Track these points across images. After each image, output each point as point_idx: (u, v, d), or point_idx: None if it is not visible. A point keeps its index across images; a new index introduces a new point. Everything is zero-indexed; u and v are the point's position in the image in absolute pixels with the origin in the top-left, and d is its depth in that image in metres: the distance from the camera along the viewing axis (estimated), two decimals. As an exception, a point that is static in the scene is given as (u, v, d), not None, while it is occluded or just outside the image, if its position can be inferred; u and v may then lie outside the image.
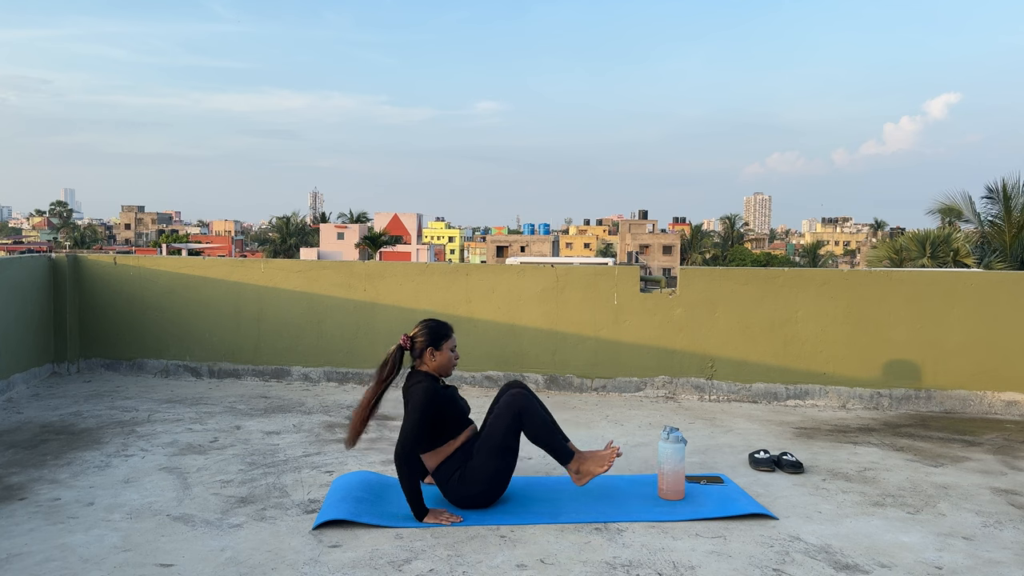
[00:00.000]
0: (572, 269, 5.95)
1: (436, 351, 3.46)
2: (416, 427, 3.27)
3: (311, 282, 6.13)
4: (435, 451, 3.41)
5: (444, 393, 3.44)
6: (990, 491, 3.78)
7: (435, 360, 3.47)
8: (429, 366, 3.47)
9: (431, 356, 3.46)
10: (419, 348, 3.46)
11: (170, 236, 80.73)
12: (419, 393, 3.33)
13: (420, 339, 3.47)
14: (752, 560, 2.93)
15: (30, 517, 3.26)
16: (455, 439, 3.43)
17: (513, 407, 3.45)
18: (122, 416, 4.94)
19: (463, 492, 3.38)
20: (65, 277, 6.21)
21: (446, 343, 3.49)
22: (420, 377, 3.43)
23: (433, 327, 3.51)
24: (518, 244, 71.11)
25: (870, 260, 25.39)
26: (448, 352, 3.49)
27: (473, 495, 3.39)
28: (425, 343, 3.46)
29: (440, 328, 3.52)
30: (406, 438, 3.25)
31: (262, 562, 2.86)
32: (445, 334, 3.50)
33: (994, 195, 18.83)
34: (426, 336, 3.47)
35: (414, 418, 3.28)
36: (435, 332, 3.49)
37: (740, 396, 5.68)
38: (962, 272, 6.21)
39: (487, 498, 3.41)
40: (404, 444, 3.24)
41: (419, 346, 3.46)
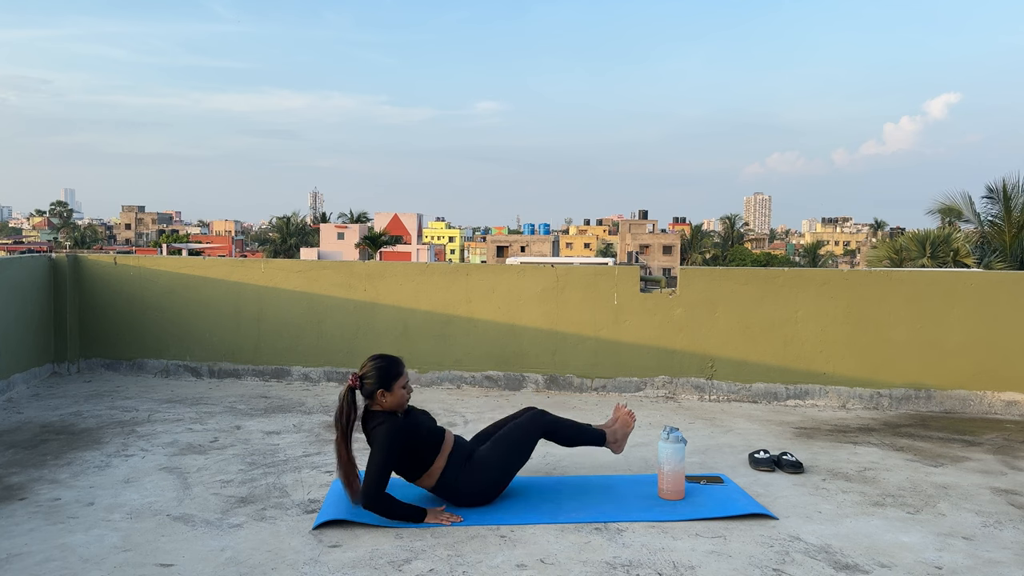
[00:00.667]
0: (572, 269, 5.95)
1: (387, 392, 3.32)
2: (382, 470, 3.20)
3: (311, 282, 6.13)
4: (427, 474, 3.39)
5: (408, 425, 3.33)
6: (990, 491, 3.78)
7: (387, 400, 3.33)
8: (381, 406, 3.35)
9: (382, 397, 3.33)
10: (368, 389, 3.33)
11: (170, 236, 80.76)
12: (382, 437, 3.24)
13: (369, 381, 3.32)
14: (752, 560, 2.93)
15: (30, 517, 3.26)
16: (440, 453, 3.40)
17: (540, 424, 3.62)
18: (122, 416, 4.94)
19: (470, 491, 3.40)
20: (65, 277, 6.21)
21: (397, 382, 3.33)
22: (380, 419, 3.31)
23: (382, 368, 3.33)
24: (518, 244, 71.12)
25: (870, 260, 25.40)
26: (400, 391, 3.34)
27: (476, 493, 3.40)
28: (375, 385, 3.31)
29: (391, 367, 3.34)
30: (371, 483, 3.17)
31: (262, 562, 2.86)
32: (396, 372, 3.34)
33: (994, 195, 18.85)
34: (375, 378, 3.31)
35: (380, 461, 3.20)
36: (385, 372, 3.32)
37: (740, 396, 5.68)
38: (962, 272, 6.21)
39: (489, 495, 3.43)
40: (369, 489, 3.16)
41: (368, 387, 3.32)
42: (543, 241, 71.11)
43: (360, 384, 3.34)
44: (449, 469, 3.39)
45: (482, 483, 3.41)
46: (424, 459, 3.36)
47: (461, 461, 3.41)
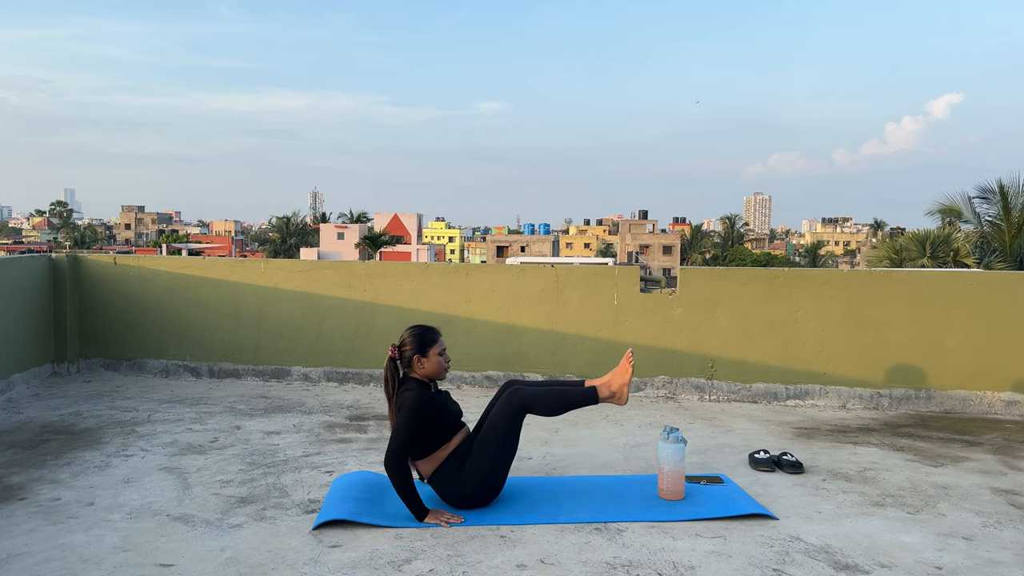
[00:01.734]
0: (572, 269, 5.95)
1: (423, 358, 3.41)
2: (406, 435, 3.25)
3: (311, 282, 6.13)
4: (429, 457, 3.40)
5: (435, 399, 3.40)
6: (990, 491, 3.78)
7: (423, 367, 3.42)
8: (419, 373, 3.44)
9: (419, 363, 3.42)
10: (407, 356, 3.42)
11: (170, 236, 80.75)
12: (409, 401, 3.30)
13: (407, 348, 3.42)
14: (752, 560, 2.93)
15: (30, 517, 3.26)
16: (448, 443, 3.41)
17: (513, 404, 3.48)
18: (122, 416, 4.94)
19: (460, 492, 3.38)
20: (65, 277, 6.21)
21: (433, 348, 3.43)
22: (411, 384, 3.40)
23: (418, 333, 3.45)
24: (518, 244, 71.13)
25: (870, 260, 25.41)
26: (436, 357, 3.43)
27: (470, 494, 3.39)
28: (412, 351, 3.42)
29: (426, 334, 3.45)
30: (396, 446, 3.23)
31: (262, 562, 2.86)
32: (432, 339, 3.44)
33: (988, 196, 18.86)
34: (412, 344, 3.42)
35: (404, 426, 3.26)
36: (421, 339, 3.43)
37: (740, 396, 5.68)
38: (962, 272, 6.21)
39: (484, 497, 3.41)
40: (393, 452, 3.23)
41: (407, 354, 3.42)
42: (543, 241, 71.12)
43: (399, 353, 3.43)
44: (449, 462, 3.39)
45: (473, 485, 3.39)
46: (434, 441, 3.38)
47: (460, 459, 3.41)
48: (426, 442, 3.37)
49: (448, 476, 3.39)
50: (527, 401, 3.51)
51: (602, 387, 3.56)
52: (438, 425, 3.39)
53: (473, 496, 3.39)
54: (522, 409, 3.49)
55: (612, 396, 3.55)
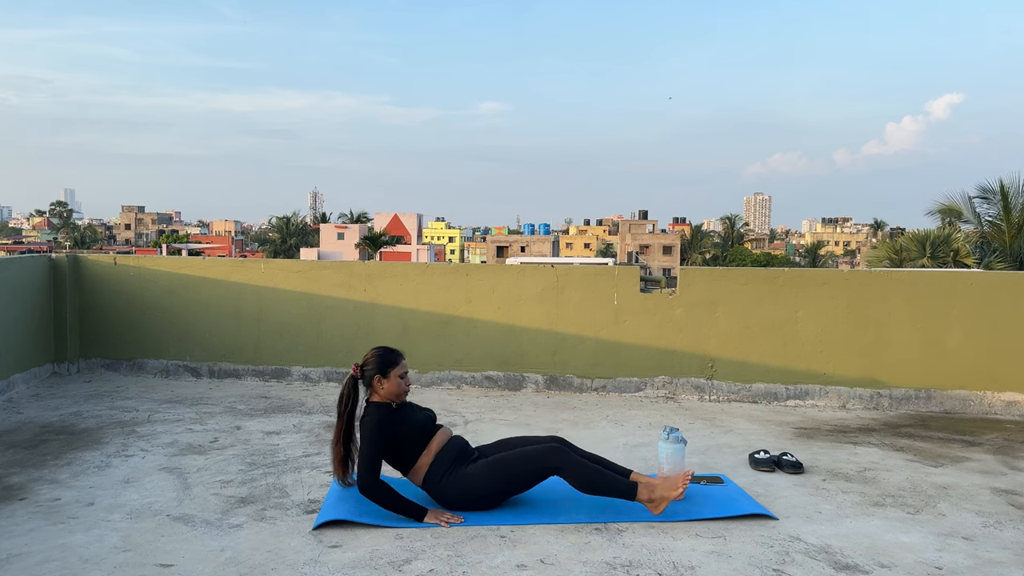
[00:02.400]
0: (572, 269, 5.95)
1: (383, 379, 3.42)
2: (369, 460, 3.28)
3: (311, 282, 6.13)
4: (414, 469, 3.41)
5: (395, 416, 3.40)
6: (990, 491, 3.78)
7: (383, 388, 3.43)
8: (379, 394, 3.44)
9: (379, 383, 3.43)
10: (367, 377, 3.44)
11: (170, 236, 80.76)
12: (366, 427, 3.34)
13: (368, 367, 3.45)
14: (752, 560, 2.93)
15: (30, 517, 3.26)
16: (427, 450, 3.40)
17: (555, 461, 3.34)
18: (122, 416, 4.94)
19: (456, 495, 3.36)
20: (65, 277, 6.21)
21: (394, 370, 3.44)
22: (370, 410, 3.42)
23: (381, 355, 3.47)
24: (518, 244, 71.13)
25: (870, 260, 25.42)
26: (396, 379, 3.43)
27: (460, 500, 3.36)
28: (373, 371, 3.43)
29: (388, 355, 3.47)
30: (363, 472, 3.28)
31: (262, 562, 2.86)
32: (394, 361, 3.46)
33: (989, 196, 18.86)
34: (375, 364, 3.44)
35: (365, 448, 3.30)
36: (383, 359, 3.45)
37: (740, 396, 5.68)
38: (962, 272, 6.22)
39: (479, 506, 3.39)
40: (362, 478, 3.27)
41: (367, 374, 3.44)
42: (543, 241, 71.12)
43: (361, 373, 3.46)
44: (434, 468, 3.38)
45: (468, 492, 3.35)
46: (409, 454, 3.39)
47: (450, 463, 3.38)
48: (403, 457, 3.39)
49: (439, 477, 3.37)
50: (568, 467, 3.34)
51: (643, 488, 3.34)
52: (407, 439, 3.39)
53: (462, 503, 3.37)
54: (559, 469, 3.35)
55: (651, 502, 3.32)
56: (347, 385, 3.47)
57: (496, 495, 3.39)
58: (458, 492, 3.35)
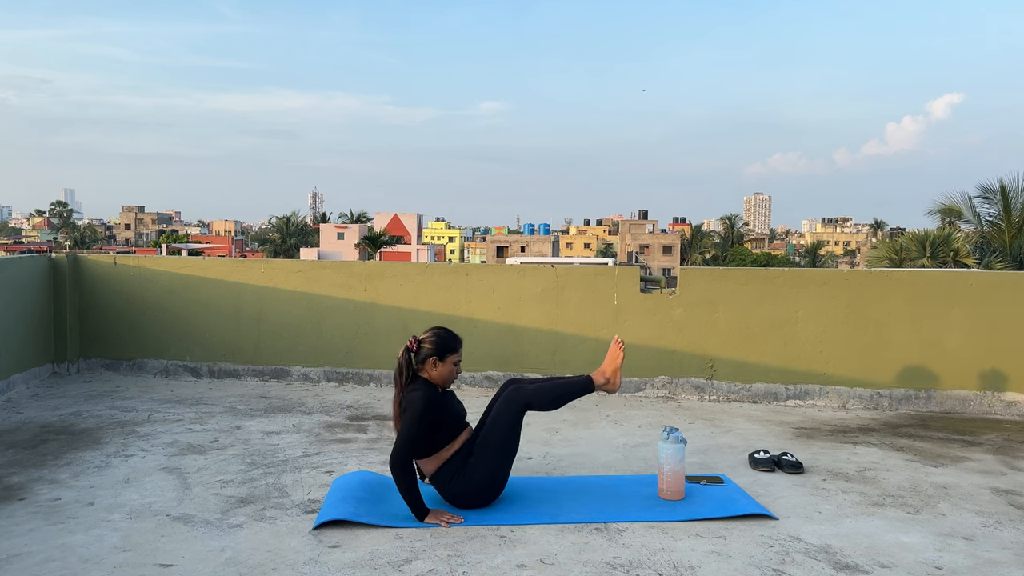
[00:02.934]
0: (572, 269, 5.95)
1: (440, 362, 3.42)
2: (411, 436, 3.26)
3: (311, 282, 6.13)
4: (433, 456, 3.40)
5: (441, 400, 3.41)
6: (990, 491, 3.78)
7: (436, 370, 3.43)
8: (430, 374, 3.44)
9: (433, 365, 3.42)
10: (423, 354, 3.42)
11: (170, 236, 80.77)
12: (417, 402, 3.30)
13: (427, 346, 3.43)
14: (752, 560, 2.93)
15: (30, 517, 3.26)
16: (452, 443, 3.41)
17: (514, 402, 3.48)
18: (122, 416, 4.93)
19: (462, 491, 3.38)
20: (65, 277, 6.21)
21: (451, 356, 3.44)
22: (418, 385, 3.39)
23: (442, 337, 3.47)
24: (518, 244, 71.13)
25: (870, 260, 25.42)
26: (451, 365, 3.45)
27: (472, 494, 3.39)
28: (431, 351, 3.42)
29: (449, 340, 3.47)
30: (402, 446, 3.24)
31: (262, 562, 2.86)
32: (452, 347, 3.46)
33: (990, 195, 18.87)
34: (433, 344, 3.43)
35: (411, 426, 3.26)
36: (443, 343, 3.45)
37: (740, 396, 5.68)
38: (962, 272, 6.21)
39: (486, 497, 3.42)
40: (400, 452, 3.22)
41: (424, 352, 3.43)
42: (543, 241, 71.12)
43: (417, 348, 3.44)
44: (452, 461, 3.40)
45: (475, 484, 3.39)
46: (438, 441, 3.39)
47: (463, 459, 3.42)
48: (430, 442, 3.37)
49: (450, 475, 3.39)
50: (528, 398, 3.51)
51: (596, 375, 3.60)
52: (443, 426, 3.39)
53: (475, 495, 3.39)
54: (523, 407, 3.50)
55: (607, 383, 3.59)
56: (402, 358, 3.43)
57: (498, 468, 3.41)
58: (466, 485, 3.37)
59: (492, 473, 3.41)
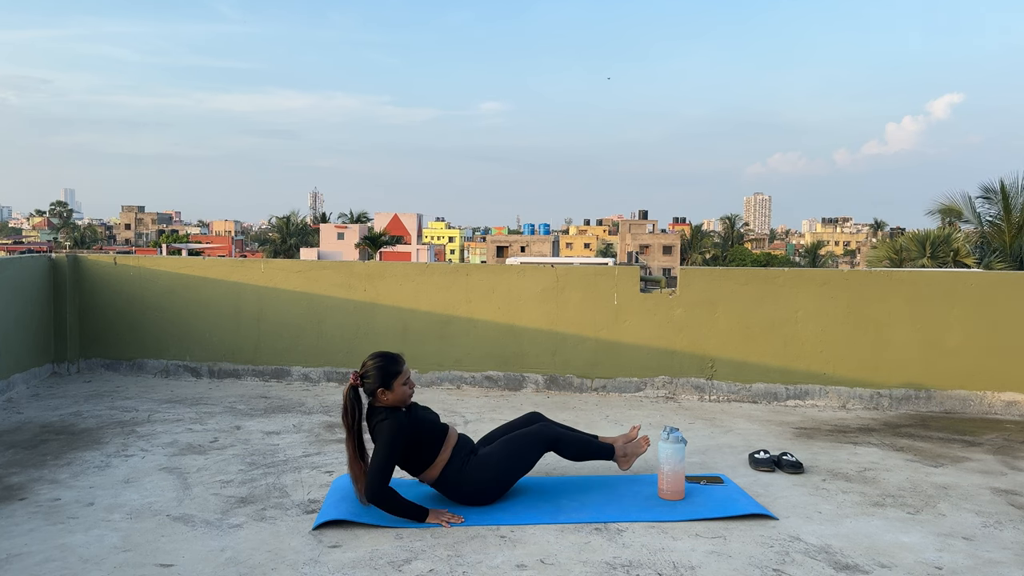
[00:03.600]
0: (572, 269, 5.95)
1: (388, 391, 3.35)
2: (384, 466, 3.23)
3: (311, 282, 6.13)
4: (429, 469, 3.41)
5: (412, 421, 3.37)
6: (990, 491, 3.78)
7: (388, 398, 3.36)
8: (385, 403, 3.38)
9: (383, 395, 3.36)
10: (370, 387, 3.36)
11: (170, 236, 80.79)
12: (385, 433, 3.27)
13: (369, 380, 3.35)
14: (752, 560, 2.93)
15: (30, 517, 3.26)
16: (444, 448, 3.41)
17: (546, 437, 3.59)
18: (122, 416, 4.93)
19: (469, 489, 3.40)
20: (65, 277, 6.21)
21: (397, 380, 3.36)
22: (383, 414, 3.34)
23: (382, 366, 3.35)
24: (518, 244, 71.14)
25: (870, 260, 25.43)
26: (401, 388, 3.37)
27: (477, 492, 3.41)
28: (375, 384, 3.35)
29: (389, 366, 3.36)
30: (373, 478, 3.21)
31: (262, 562, 2.86)
32: (395, 371, 3.36)
33: (991, 195, 18.88)
34: (376, 377, 3.34)
35: (383, 456, 3.23)
36: (384, 372, 3.35)
37: (740, 396, 5.68)
38: (962, 272, 6.21)
39: (490, 496, 3.43)
40: (373, 484, 3.20)
41: (369, 386, 3.36)
42: (543, 241, 71.13)
43: (361, 383, 3.38)
44: (452, 463, 3.40)
45: (483, 481, 3.42)
46: (427, 454, 3.39)
47: (464, 456, 3.43)
48: (421, 460, 3.40)
49: (454, 476, 3.40)
50: (557, 438, 3.62)
51: (618, 448, 3.75)
52: (423, 441, 3.38)
53: (480, 493, 3.42)
54: (552, 444, 3.61)
55: (623, 458, 3.75)
56: (347, 396, 3.35)
57: (506, 477, 3.48)
58: (473, 484, 3.40)
59: (498, 477, 3.44)
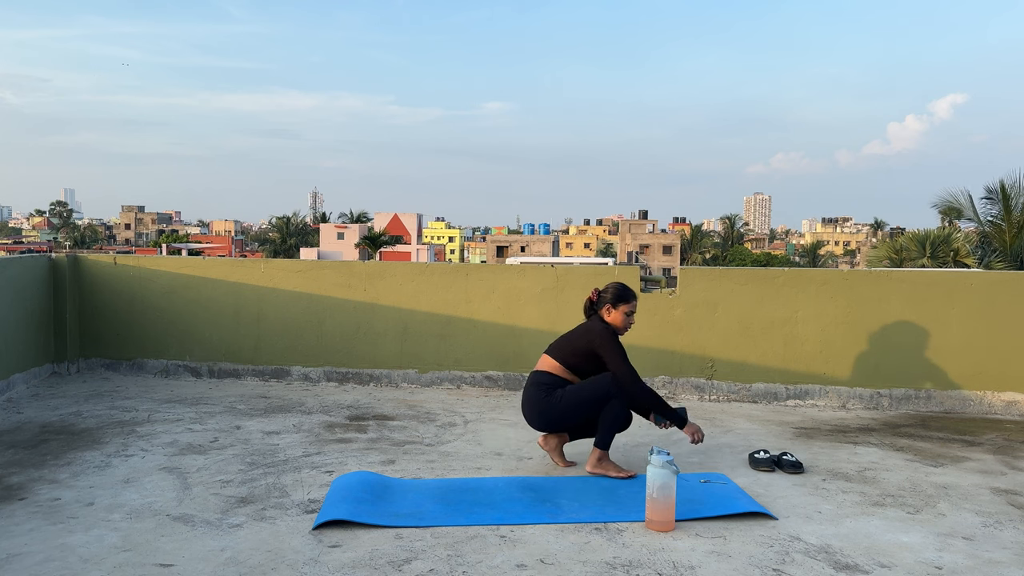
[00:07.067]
0: (572, 269, 5.95)
1: (613, 309, 3.94)
2: (626, 359, 3.85)
3: (311, 282, 6.13)
4: (568, 373, 3.96)
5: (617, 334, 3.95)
6: (990, 491, 3.78)
7: (610, 316, 3.95)
8: (607, 319, 3.96)
9: (607, 312, 3.95)
10: (602, 301, 3.98)
11: (170, 236, 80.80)
12: (610, 337, 3.87)
13: (605, 295, 3.97)
14: (752, 560, 2.93)
15: (30, 517, 3.26)
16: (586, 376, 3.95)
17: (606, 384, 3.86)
18: (122, 416, 4.93)
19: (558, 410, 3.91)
20: (65, 277, 6.21)
21: (623, 306, 3.93)
22: (608, 325, 3.93)
23: (618, 290, 3.97)
24: (518, 244, 71.15)
25: (870, 260, 25.42)
26: (622, 315, 3.93)
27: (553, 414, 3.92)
28: (607, 300, 3.96)
29: (624, 292, 3.97)
30: (624, 366, 3.82)
31: (262, 562, 2.86)
32: (626, 299, 3.95)
33: (993, 196, 18.88)
34: (611, 295, 3.96)
35: (620, 353, 3.85)
36: (616, 294, 3.96)
37: (740, 396, 5.68)
38: (962, 272, 6.21)
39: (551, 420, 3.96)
40: (626, 372, 3.81)
41: (603, 299, 3.98)
42: (543, 241, 71.12)
43: (598, 296, 4.01)
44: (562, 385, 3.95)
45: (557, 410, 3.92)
46: (584, 371, 3.96)
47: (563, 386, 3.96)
48: (582, 370, 3.96)
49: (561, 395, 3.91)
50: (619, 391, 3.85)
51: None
52: (600, 366, 3.91)
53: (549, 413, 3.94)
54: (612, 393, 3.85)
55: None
56: (585, 308, 4.07)
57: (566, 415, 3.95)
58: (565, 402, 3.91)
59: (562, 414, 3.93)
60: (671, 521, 3.22)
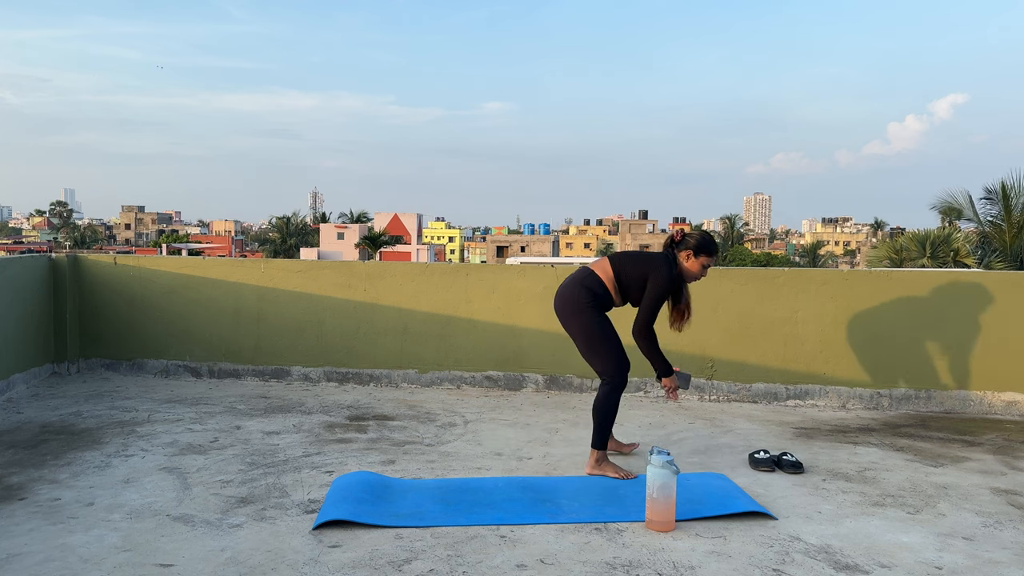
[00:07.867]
0: (572, 269, 5.94)
1: (693, 257, 3.92)
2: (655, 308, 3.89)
3: (311, 282, 6.13)
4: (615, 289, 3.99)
5: (672, 286, 3.94)
6: (990, 491, 3.78)
7: (687, 263, 3.94)
8: (681, 262, 3.94)
9: (685, 257, 3.93)
10: (683, 245, 3.94)
11: (170, 236, 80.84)
12: (663, 279, 3.86)
13: (690, 239, 3.93)
14: (752, 560, 2.93)
15: (30, 517, 3.26)
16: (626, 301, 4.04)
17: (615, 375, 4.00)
18: (122, 416, 4.94)
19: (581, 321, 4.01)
20: (65, 277, 6.21)
21: (703, 258, 3.91)
22: (671, 264, 3.92)
23: (703, 239, 3.93)
24: (518, 244, 71.20)
25: (870, 260, 25.41)
26: (699, 266, 3.92)
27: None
28: (688, 245, 3.92)
29: (708, 244, 3.93)
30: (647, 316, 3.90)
31: (262, 562, 2.86)
32: (707, 251, 3.91)
33: (993, 196, 18.89)
34: (694, 242, 3.91)
35: (654, 298, 3.87)
36: (700, 244, 3.92)
37: (740, 396, 5.68)
38: (962, 272, 6.21)
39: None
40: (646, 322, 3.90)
41: (684, 244, 3.93)
42: (543, 241, 71.16)
43: (681, 238, 3.97)
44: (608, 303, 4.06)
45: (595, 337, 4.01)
46: (630, 295, 4.01)
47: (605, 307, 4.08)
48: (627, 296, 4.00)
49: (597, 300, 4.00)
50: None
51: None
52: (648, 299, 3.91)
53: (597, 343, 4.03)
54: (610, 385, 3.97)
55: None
56: (666, 246, 4.04)
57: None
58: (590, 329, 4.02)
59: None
60: (671, 521, 3.22)
